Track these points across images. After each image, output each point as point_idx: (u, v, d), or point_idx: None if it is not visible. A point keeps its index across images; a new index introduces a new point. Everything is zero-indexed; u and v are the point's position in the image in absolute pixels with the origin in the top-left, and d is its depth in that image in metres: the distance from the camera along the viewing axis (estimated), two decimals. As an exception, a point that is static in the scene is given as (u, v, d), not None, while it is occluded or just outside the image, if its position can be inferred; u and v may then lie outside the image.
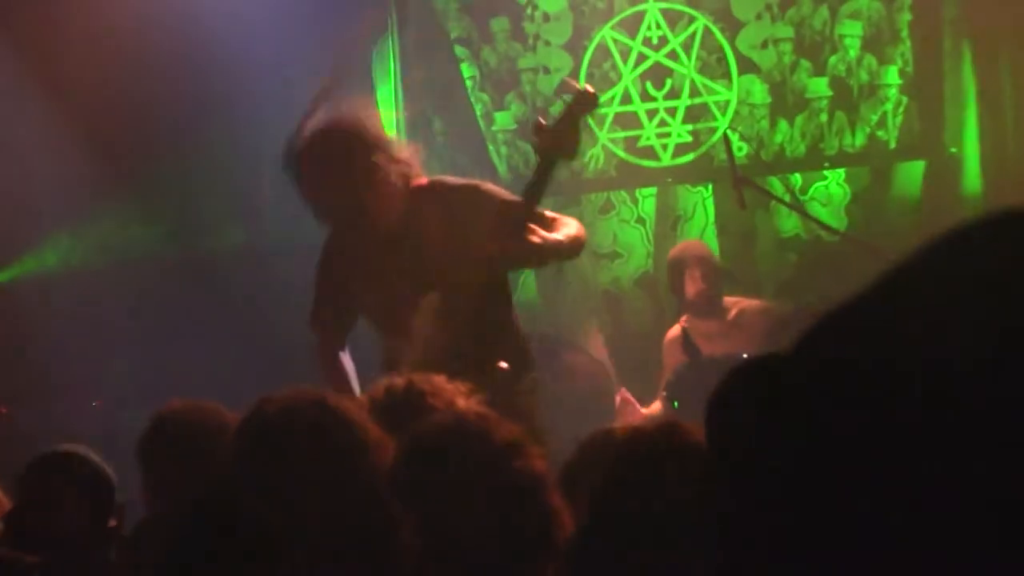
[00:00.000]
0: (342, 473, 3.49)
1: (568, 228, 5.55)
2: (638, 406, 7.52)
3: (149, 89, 8.80)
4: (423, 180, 5.61)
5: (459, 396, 3.99)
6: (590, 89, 5.55)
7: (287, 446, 3.53)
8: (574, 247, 5.63)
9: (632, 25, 8.82)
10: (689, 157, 8.86)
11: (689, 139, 8.85)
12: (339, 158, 5.53)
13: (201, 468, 4.14)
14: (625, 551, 2.99)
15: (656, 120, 8.87)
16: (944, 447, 1.28)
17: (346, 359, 5.70)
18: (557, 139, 5.35)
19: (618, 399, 7.73)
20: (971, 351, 1.28)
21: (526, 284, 8.33)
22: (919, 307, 1.33)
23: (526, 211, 5.39)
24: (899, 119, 8.60)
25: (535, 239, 5.33)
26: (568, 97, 5.54)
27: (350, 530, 3.50)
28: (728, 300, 7.74)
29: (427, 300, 5.54)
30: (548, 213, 5.56)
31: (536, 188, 5.40)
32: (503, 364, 5.37)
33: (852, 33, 8.61)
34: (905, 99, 8.56)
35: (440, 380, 4.06)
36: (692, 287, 7.66)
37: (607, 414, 7.56)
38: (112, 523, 4.32)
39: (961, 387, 1.28)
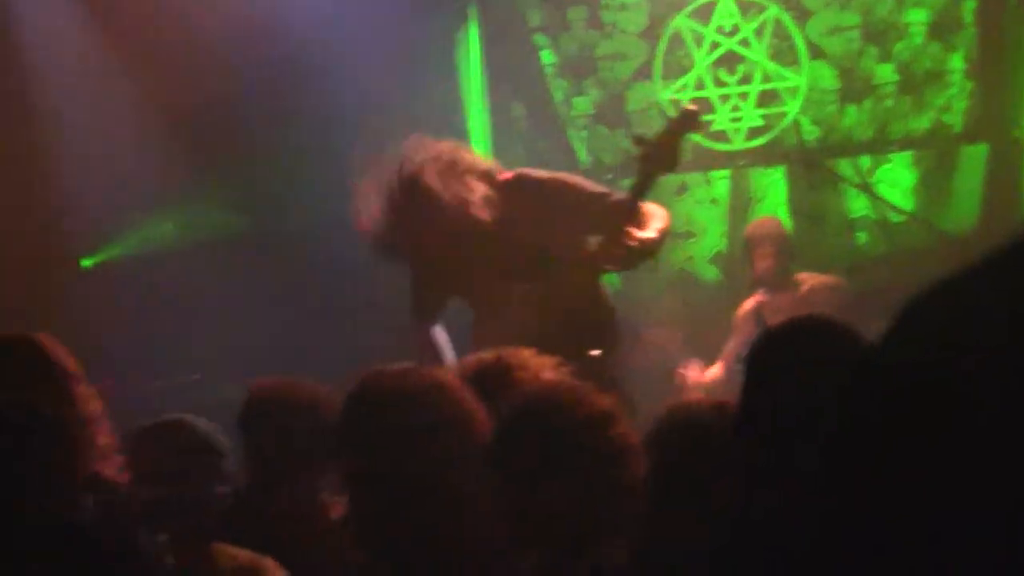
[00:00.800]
0: (448, 442, 3.54)
1: (658, 222, 5.72)
2: (701, 373, 7.86)
3: (231, 86, 9.07)
4: (508, 174, 5.79)
5: (546, 369, 4.08)
6: (693, 108, 5.72)
7: (397, 418, 3.59)
8: (664, 241, 5.80)
9: (705, 13, 8.99)
10: (761, 141, 9.01)
11: (761, 123, 9.01)
12: (427, 204, 5.62)
13: (294, 438, 4.37)
14: (695, 520, 3.04)
15: (729, 105, 9.03)
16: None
17: (440, 335, 5.89)
18: (659, 153, 5.47)
19: (680, 370, 8.00)
20: None
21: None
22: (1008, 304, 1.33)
23: (625, 218, 5.54)
24: (963, 104, 8.72)
25: (635, 245, 5.52)
26: (672, 114, 5.68)
27: (449, 499, 3.55)
28: (799, 277, 7.87)
29: (521, 289, 5.75)
30: (643, 207, 5.70)
31: (636, 197, 5.54)
32: (595, 352, 5.55)
33: (918, 20, 8.71)
34: (970, 84, 8.67)
35: (527, 354, 4.15)
36: (760, 263, 7.90)
37: (678, 386, 7.82)
38: (220, 490, 4.42)
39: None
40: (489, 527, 3.43)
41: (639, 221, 5.61)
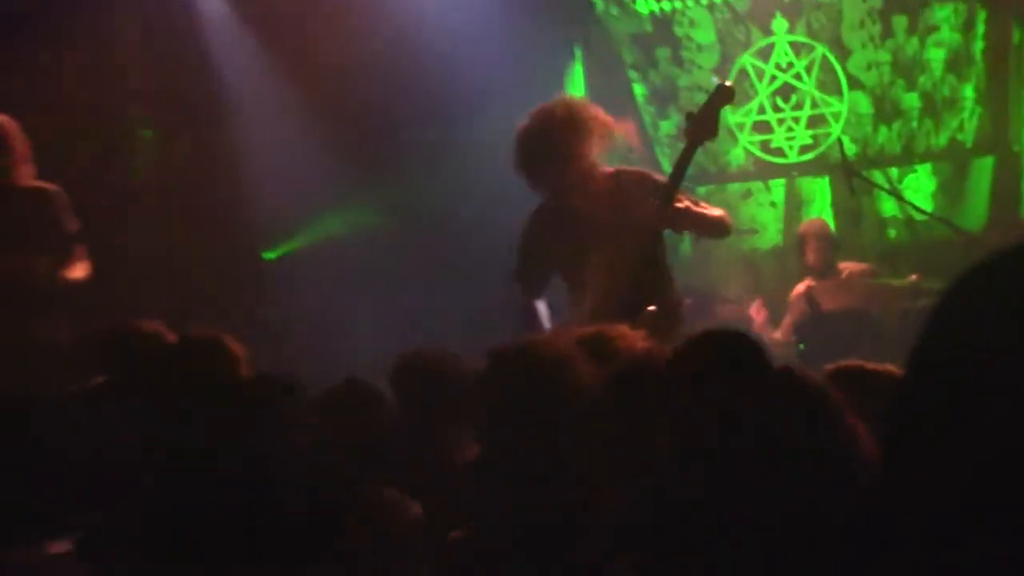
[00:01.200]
0: (566, 400, 3.76)
1: (713, 210, 6.24)
2: (770, 330, 8.53)
3: (386, 102, 9.99)
4: (609, 169, 6.30)
5: (639, 340, 4.37)
6: (728, 83, 6.19)
7: (528, 381, 3.83)
8: (717, 224, 6.23)
9: (766, 53, 9.99)
10: (810, 155, 9.99)
11: (810, 141, 9.99)
12: (550, 138, 6.11)
13: (434, 395, 4.67)
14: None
15: (784, 127, 10.02)
16: None
17: (542, 307, 6.35)
18: (701, 123, 5.97)
19: (752, 308, 8.78)
20: None
21: (683, 249, 9.13)
22: None
23: (674, 181, 6.05)
24: (974, 125, 9.62)
25: (680, 206, 5.95)
26: (711, 90, 6.20)
27: (567, 447, 3.75)
28: (841, 265, 8.60)
29: (598, 258, 6.16)
30: (700, 202, 6.25)
31: (684, 160, 6.05)
32: (651, 308, 5.99)
33: (937, 57, 9.63)
34: (979, 109, 9.55)
35: (624, 328, 4.46)
36: (812, 256, 8.55)
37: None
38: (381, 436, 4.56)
39: None
40: (593, 467, 3.62)
41: (693, 200, 6.16)
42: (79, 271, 7.43)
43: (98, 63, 9.64)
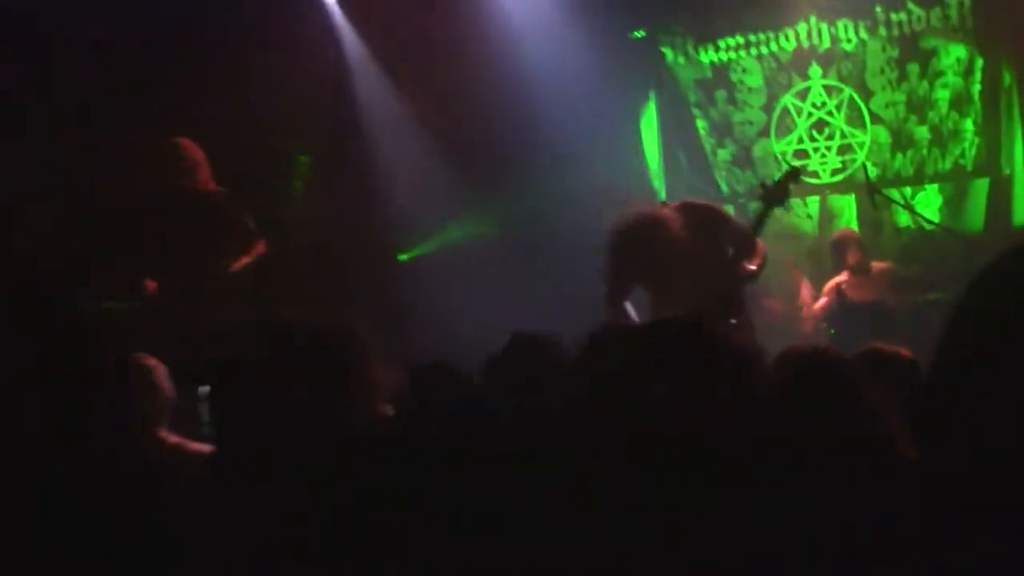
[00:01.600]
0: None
1: (759, 258, 6.66)
2: (812, 303, 9.13)
3: (498, 129, 10.45)
4: (677, 204, 6.80)
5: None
6: (798, 167, 6.89)
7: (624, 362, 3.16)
8: (761, 270, 6.73)
9: (804, 94, 10.67)
10: (839, 177, 10.61)
11: (840, 166, 10.59)
12: (645, 246, 6.49)
13: (537, 376, 4.36)
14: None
15: (819, 154, 10.63)
16: None
17: (627, 306, 6.74)
18: (774, 194, 6.56)
19: (802, 287, 9.26)
20: None
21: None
22: None
23: (751, 239, 6.53)
24: (973, 152, 10.23)
25: (754, 268, 6.51)
26: (785, 169, 6.84)
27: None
28: (872, 264, 9.16)
29: (680, 282, 6.50)
30: (760, 244, 6.67)
31: (759, 224, 6.58)
32: (732, 321, 6.42)
33: (943, 98, 10.27)
34: (977, 140, 10.20)
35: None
36: (852, 257, 9.16)
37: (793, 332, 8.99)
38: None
39: None
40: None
41: (757, 247, 6.57)
42: (248, 259, 7.78)
43: (265, 98, 10.12)
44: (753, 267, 6.49)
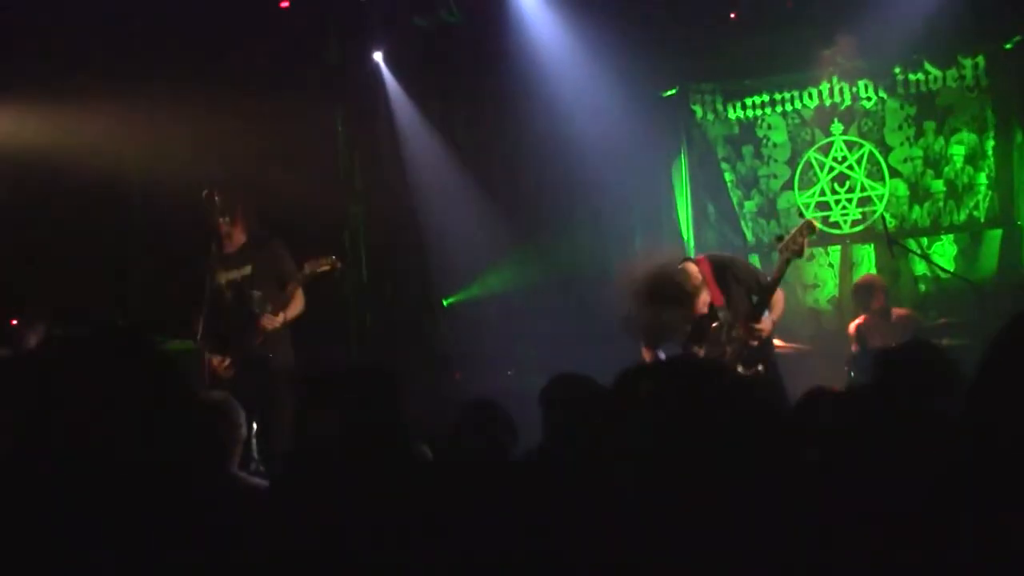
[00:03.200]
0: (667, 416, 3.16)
1: (775, 312, 6.95)
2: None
3: (541, 183, 11.08)
4: (702, 256, 7.19)
5: (736, 367, 5.62)
6: (814, 221, 6.78)
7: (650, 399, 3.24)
8: (776, 324, 7.01)
9: (826, 149, 11.00)
10: (860, 228, 10.86)
11: (860, 217, 10.86)
12: (660, 296, 6.82)
13: (578, 415, 4.62)
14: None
15: (840, 206, 10.92)
16: None
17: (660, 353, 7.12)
18: (790, 246, 6.68)
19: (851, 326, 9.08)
20: None
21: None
22: None
23: (771, 289, 6.78)
24: (986, 205, 10.51)
25: (764, 332, 6.69)
26: (801, 223, 6.77)
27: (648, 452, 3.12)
28: (892, 310, 9.34)
29: (707, 328, 6.88)
30: (779, 292, 6.92)
31: (779, 276, 6.78)
32: (760, 368, 6.75)
33: (958, 153, 10.58)
34: (990, 193, 10.51)
35: (723, 359, 5.53)
36: (877, 302, 9.31)
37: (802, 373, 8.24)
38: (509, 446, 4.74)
39: None
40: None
41: (776, 295, 6.85)
42: (295, 308, 7.90)
43: (325, 160, 10.91)
44: (774, 317, 6.77)
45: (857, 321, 9.19)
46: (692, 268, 7.02)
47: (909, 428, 2.82)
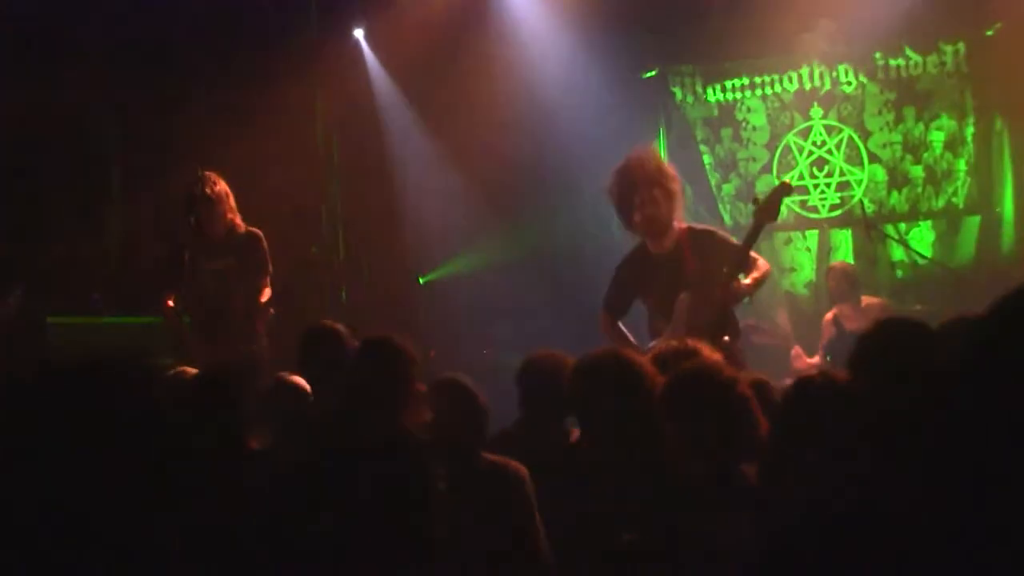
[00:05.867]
0: (633, 400, 3.96)
1: (762, 268, 6.70)
2: (805, 357, 9.06)
3: (518, 161, 10.99)
4: (684, 224, 6.95)
5: (710, 352, 4.59)
6: (788, 180, 6.77)
7: (611, 382, 4.09)
8: (766, 279, 6.77)
9: (805, 133, 11.04)
10: (838, 212, 10.91)
11: (838, 201, 10.91)
12: (635, 179, 6.71)
13: (550, 391, 4.83)
14: (804, 454, 3.26)
15: (818, 190, 10.96)
16: None
17: (622, 326, 6.92)
18: (767, 210, 6.56)
19: (793, 352, 9.21)
20: None
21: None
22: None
23: (744, 253, 6.55)
24: (965, 191, 10.58)
25: (749, 285, 6.52)
26: (776, 184, 6.76)
27: (633, 439, 3.89)
28: (862, 297, 9.26)
29: (682, 298, 6.71)
30: (753, 255, 6.65)
31: (751, 239, 6.61)
32: (726, 338, 6.48)
33: (938, 139, 10.65)
34: (969, 179, 10.59)
35: (700, 344, 4.71)
36: (834, 286, 9.33)
37: (787, 363, 9.10)
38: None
39: None
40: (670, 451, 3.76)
41: (752, 259, 6.57)
42: (266, 296, 7.92)
43: (304, 136, 11.00)
44: (749, 281, 6.60)
45: (832, 312, 9.24)
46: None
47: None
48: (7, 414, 2.01)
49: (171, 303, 7.88)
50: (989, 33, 10.58)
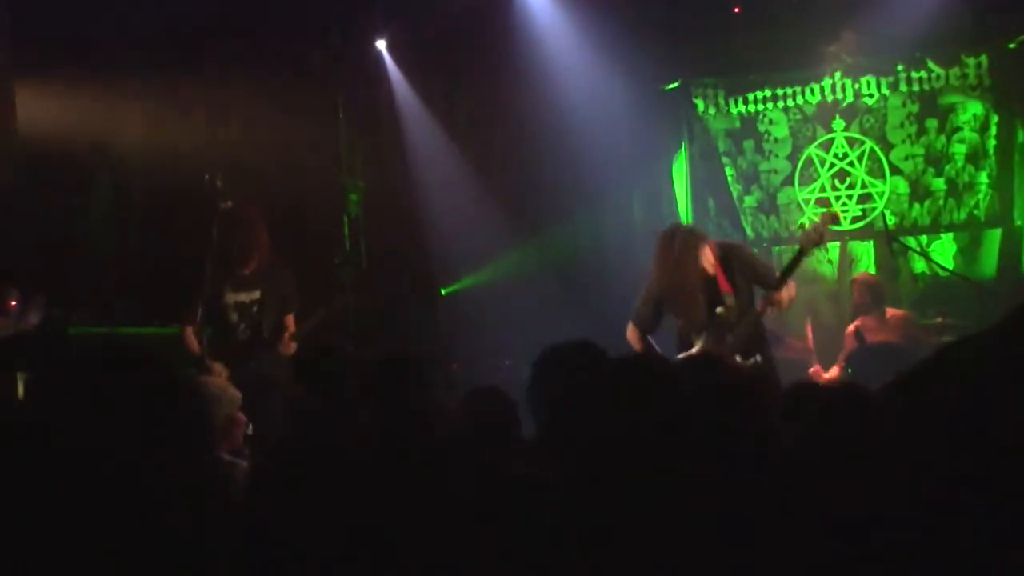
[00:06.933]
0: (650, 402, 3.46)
1: (792, 290, 7.06)
2: (823, 374, 8.90)
3: (541, 174, 11.11)
4: (711, 242, 7.28)
5: (734, 361, 5.49)
6: (836, 213, 7.28)
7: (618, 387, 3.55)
8: (791, 302, 7.13)
9: (827, 145, 11.04)
10: (859, 224, 10.91)
11: (860, 213, 10.91)
12: (675, 253, 6.99)
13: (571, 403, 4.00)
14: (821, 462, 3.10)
15: (840, 202, 10.94)
16: None
17: (651, 341, 7.20)
18: (811, 237, 7.00)
19: (811, 371, 9.04)
20: None
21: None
22: None
23: (785, 275, 6.93)
24: (986, 204, 10.56)
25: (784, 299, 6.89)
26: (822, 214, 7.17)
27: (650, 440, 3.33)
28: (888, 312, 9.20)
29: (718, 311, 7.00)
30: (790, 283, 6.99)
31: (793, 265, 7.01)
32: (758, 358, 6.83)
33: (959, 152, 10.63)
34: (991, 192, 10.55)
35: (723, 351, 5.59)
36: (859, 297, 9.23)
37: (808, 375, 8.88)
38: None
39: None
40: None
41: (788, 284, 6.94)
42: (291, 329, 7.98)
43: (327, 147, 10.95)
44: (780, 298, 6.80)
45: (854, 324, 9.18)
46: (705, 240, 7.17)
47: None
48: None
49: (189, 331, 7.93)
50: (1011, 46, 10.60)
